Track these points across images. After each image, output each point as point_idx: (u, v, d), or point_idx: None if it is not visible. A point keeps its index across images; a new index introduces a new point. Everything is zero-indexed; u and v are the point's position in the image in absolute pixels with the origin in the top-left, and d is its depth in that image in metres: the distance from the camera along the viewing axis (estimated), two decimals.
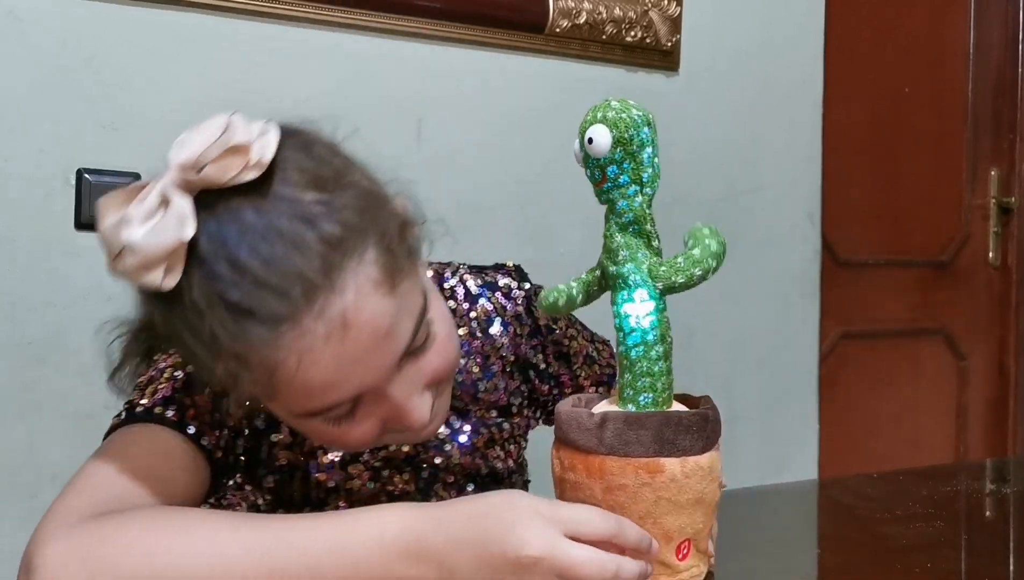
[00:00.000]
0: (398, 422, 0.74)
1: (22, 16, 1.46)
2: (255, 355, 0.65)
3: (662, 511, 0.68)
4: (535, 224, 1.83)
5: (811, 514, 1.14)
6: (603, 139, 0.69)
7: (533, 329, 0.96)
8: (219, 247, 0.65)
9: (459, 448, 0.90)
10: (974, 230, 2.54)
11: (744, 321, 2.10)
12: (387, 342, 0.69)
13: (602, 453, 0.68)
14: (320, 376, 0.67)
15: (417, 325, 0.72)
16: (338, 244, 0.66)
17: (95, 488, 0.70)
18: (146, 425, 0.77)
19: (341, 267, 0.66)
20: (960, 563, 0.90)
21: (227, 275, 0.64)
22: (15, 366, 1.46)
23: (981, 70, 2.52)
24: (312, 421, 0.72)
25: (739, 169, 2.09)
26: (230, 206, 0.65)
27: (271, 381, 0.67)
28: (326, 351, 0.66)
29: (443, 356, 0.76)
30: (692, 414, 0.69)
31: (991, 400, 2.58)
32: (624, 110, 0.69)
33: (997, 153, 2.56)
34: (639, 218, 0.70)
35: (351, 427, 0.73)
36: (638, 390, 0.70)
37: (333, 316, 0.65)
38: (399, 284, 0.69)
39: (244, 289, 0.64)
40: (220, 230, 0.65)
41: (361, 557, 0.63)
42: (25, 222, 1.46)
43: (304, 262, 0.65)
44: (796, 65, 2.17)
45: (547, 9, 1.83)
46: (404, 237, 0.72)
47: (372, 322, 0.67)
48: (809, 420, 2.23)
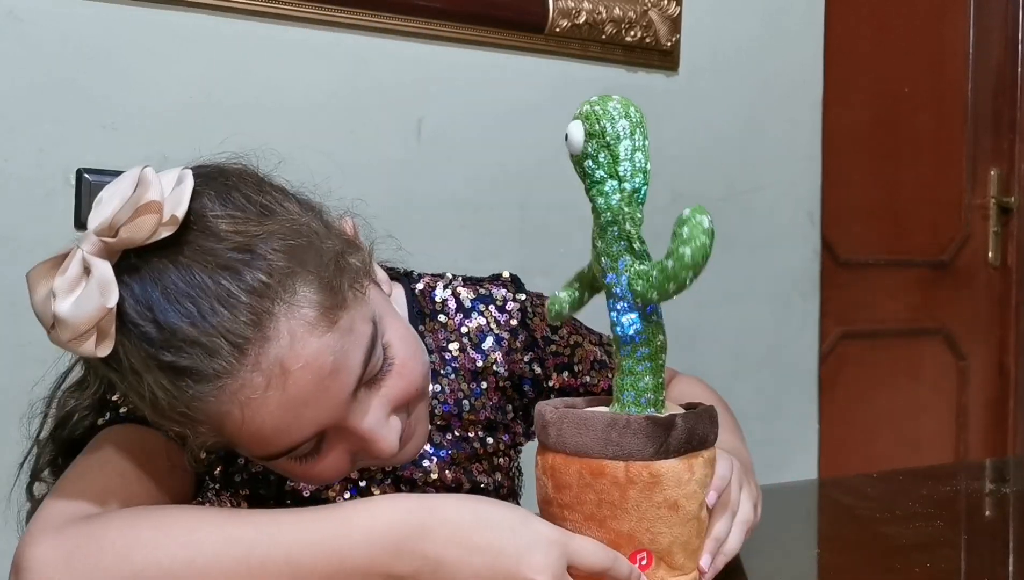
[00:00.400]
0: (366, 453, 0.73)
1: (22, 16, 1.46)
2: (199, 412, 0.66)
3: (604, 515, 0.67)
4: (535, 224, 1.83)
5: (811, 514, 1.14)
6: (576, 134, 0.67)
7: (528, 342, 0.92)
8: (145, 310, 0.64)
9: (438, 463, 0.87)
10: (974, 230, 2.54)
11: (744, 321, 2.10)
12: (334, 379, 0.68)
13: (555, 450, 0.68)
14: (270, 422, 0.67)
15: (368, 355, 0.70)
16: (264, 291, 0.65)
17: (81, 491, 0.69)
18: (130, 425, 0.76)
19: (271, 313, 0.65)
20: (960, 563, 0.90)
21: (157, 338, 0.64)
22: (15, 366, 1.46)
23: (981, 70, 2.52)
24: (278, 461, 0.71)
25: (739, 169, 2.09)
26: (151, 266, 0.65)
27: (222, 432, 0.67)
28: (269, 399, 0.65)
29: (406, 378, 0.74)
30: (643, 418, 0.66)
31: (991, 400, 2.58)
32: (600, 103, 0.67)
33: (997, 153, 2.56)
34: (617, 218, 0.67)
35: (318, 463, 0.72)
36: (621, 388, 0.69)
37: (270, 364, 0.65)
38: (339, 319, 0.68)
39: (175, 350, 0.64)
40: (144, 293, 0.65)
41: (346, 548, 0.63)
42: (25, 222, 1.46)
43: (231, 316, 0.64)
44: (796, 65, 2.17)
45: (547, 9, 1.83)
46: (343, 267, 0.70)
47: (313, 364, 0.66)
48: (809, 420, 2.23)
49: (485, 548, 0.63)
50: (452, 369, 0.90)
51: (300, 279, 0.67)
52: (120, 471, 0.72)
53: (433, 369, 0.88)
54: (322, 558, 0.63)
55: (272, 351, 0.65)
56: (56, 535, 0.64)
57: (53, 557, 0.62)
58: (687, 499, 0.68)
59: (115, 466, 0.72)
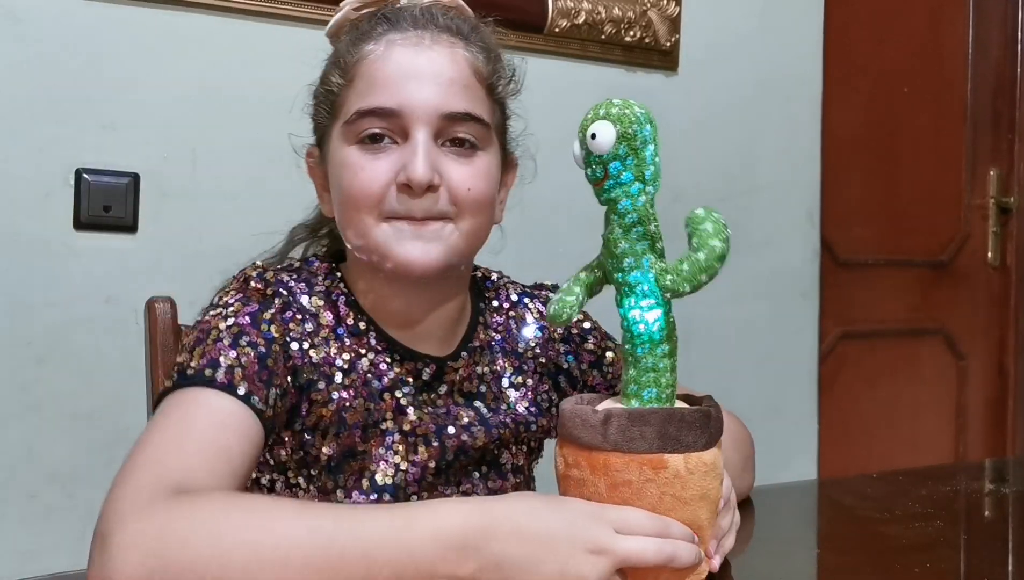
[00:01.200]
0: (404, 171, 0.85)
1: (22, 16, 1.46)
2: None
3: (666, 507, 0.69)
4: (534, 224, 1.83)
5: (811, 514, 1.14)
6: (607, 134, 0.69)
7: (565, 335, 1.02)
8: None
9: (485, 433, 0.93)
10: (973, 230, 2.54)
11: (744, 321, 2.10)
12: (451, 84, 0.87)
13: (607, 449, 0.68)
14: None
15: (485, 114, 0.89)
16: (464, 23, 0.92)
17: (161, 462, 0.72)
18: (198, 389, 0.78)
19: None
20: (959, 563, 0.90)
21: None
22: (15, 366, 1.46)
23: (980, 70, 2.53)
24: (351, 149, 0.87)
25: (738, 169, 2.09)
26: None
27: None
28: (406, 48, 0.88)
29: (465, 177, 0.87)
30: (695, 411, 0.70)
31: (990, 400, 2.58)
32: (627, 107, 0.70)
33: (996, 153, 2.56)
34: (643, 218, 0.70)
35: (374, 160, 0.86)
36: (642, 385, 0.70)
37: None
38: (496, 84, 0.92)
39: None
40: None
41: (415, 546, 0.65)
42: (25, 222, 1.46)
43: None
44: (795, 65, 2.17)
45: (546, 9, 1.83)
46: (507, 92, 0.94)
47: (455, 59, 0.88)
48: (809, 420, 2.23)
49: (541, 536, 0.66)
50: (500, 349, 0.98)
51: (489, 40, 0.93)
52: (196, 442, 0.75)
53: (481, 345, 0.97)
54: (394, 554, 0.65)
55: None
56: (143, 513, 0.66)
57: (143, 535, 0.64)
58: (720, 485, 0.73)
59: (191, 436, 0.75)
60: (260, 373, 0.80)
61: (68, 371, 1.48)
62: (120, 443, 0.77)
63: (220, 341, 0.81)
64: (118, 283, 1.51)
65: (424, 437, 0.90)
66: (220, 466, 0.74)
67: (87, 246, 1.50)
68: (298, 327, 0.86)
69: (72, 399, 1.48)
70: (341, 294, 0.92)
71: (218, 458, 0.75)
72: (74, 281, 1.49)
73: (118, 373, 1.49)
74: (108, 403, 1.49)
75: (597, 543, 0.66)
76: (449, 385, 0.94)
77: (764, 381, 2.14)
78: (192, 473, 0.71)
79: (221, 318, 0.83)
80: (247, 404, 0.78)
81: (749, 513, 1.00)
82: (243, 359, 0.80)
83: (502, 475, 0.96)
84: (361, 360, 0.89)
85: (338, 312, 0.90)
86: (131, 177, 1.52)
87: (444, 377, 0.94)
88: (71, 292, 1.48)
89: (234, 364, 0.79)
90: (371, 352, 0.90)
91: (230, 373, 0.78)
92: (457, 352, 0.95)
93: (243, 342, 0.81)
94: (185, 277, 1.51)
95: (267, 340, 0.82)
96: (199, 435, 0.75)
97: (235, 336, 0.81)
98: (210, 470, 0.73)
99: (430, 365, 0.93)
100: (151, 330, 1.02)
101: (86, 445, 1.48)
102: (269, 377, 0.81)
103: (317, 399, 0.86)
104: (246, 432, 0.78)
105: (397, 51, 0.88)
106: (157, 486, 0.69)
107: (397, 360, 0.91)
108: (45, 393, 1.47)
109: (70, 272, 1.48)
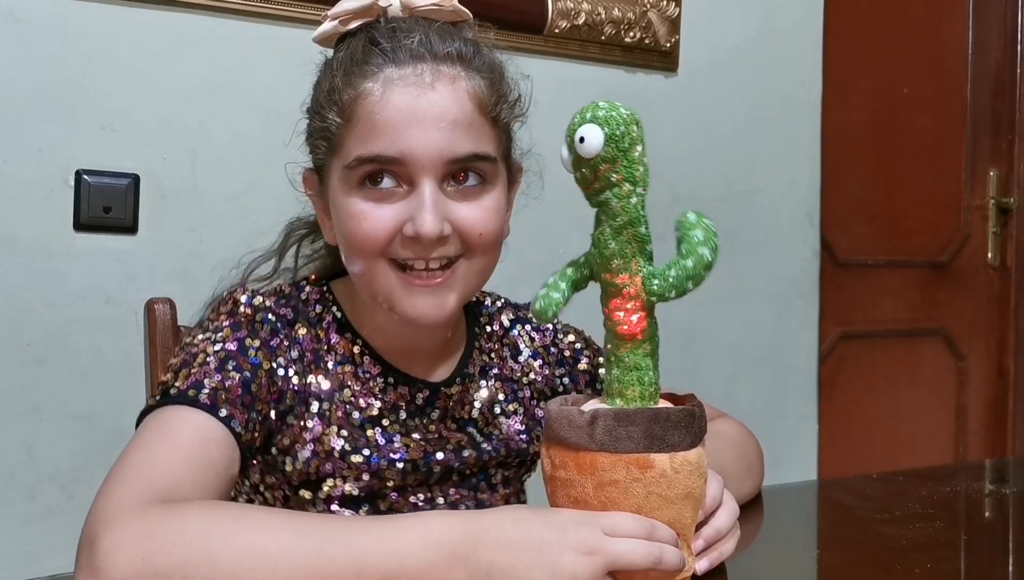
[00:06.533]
0: (412, 224, 0.83)
1: (22, 17, 1.46)
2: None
3: (652, 506, 0.69)
4: (534, 224, 1.83)
5: (810, 515, 1.14)
6: (595, 138, 0.69)
7: (559, 358, 1.03)
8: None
9: (478, 459, 0.93)
10: (973, 230, 2.54)
11: (744, 322, 2.10)
12: (455, 127, 0.83)
13: (593, 450, 0.69)
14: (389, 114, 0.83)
15: (491, 149, 0.86)
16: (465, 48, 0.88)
17: (148, 473, 0.72)
18: (182, 408, 0.79)
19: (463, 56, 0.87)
20: (959, 564, 0.90)
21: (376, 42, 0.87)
22: (14, 366, 1.46)
23: (980, 71, 2.53)
24: (353, 196, 0.84)
25: (738, 170, 2.09)
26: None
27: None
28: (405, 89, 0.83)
29: (476, 221, 0.85)
30: (680, 410, 0.70)
31: (990, 400, 2.58)
32: (613, 109, 0.70)
33: (996, 154, 2.56)
34: (633, 220, 0.70)
35: (378, 208, 0.83)
36: (625, 384, 0.71)
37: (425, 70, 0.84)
38: (500, 112, 0.89)
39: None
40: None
41: (405, 554, 0.65)
42: (25, 222, 1.46)
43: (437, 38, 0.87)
44: (795, 65, 2.17)
45: (546, 10, 1.83)
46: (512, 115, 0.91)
47: (457, 95, 0.84)
48: (808, 420, 2.23)
49: (528, 544, 0.66)
50: (494, 375, 0.98)
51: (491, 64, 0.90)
52: (181, 456, 0.75)
53: (475, 370, 0.97)
54: (383, 560, 0.65)
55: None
56: (131, 516, 0.66)
57: (130, 537, 0.64)
58: (704, 484, 0.73)
59: (175, 450, 0.75)
60: (243, 397, 0.80)
61: (68, 372, 1.48)
62: (120, 444, 0.77)
63: (206, 365, 0.81)
64: (118, 284, 1.51)
65: (412, 462, 0.89)
66: (206, 478, 0.75)
67: (87, 247, 1.50)
68: (285, 354, 0.86)
69: (72, 400, 1.48)
70: (333, 322, 0.91)
71: (204, 470, 0.75)
72: (74, 282, 1.49)
73: (118, 374, 1.49)
74: (108, 404, 1.49)
75: (588, 544, 0.66)
76: (442, 410, 0.94)
77: (764, 381, 2.14)
78: (178, 483, 0.72)
79: (210, 342, 0.83)
80: (227, 426, 0.78)
81: (755, 514, 1.00)
82: (227, 383, 0.80)
83: (491, 488, 0.96)
84: (343, 391, 0.89)
85: (329, 341, 0.90)
86: (131, 178, 1.52)
87: (437, 402, 0.93)
88: (71, 293, 1.48)
89: (218, 387, 0.79)
90: (358, 382, 0.90)
91: (213, 395, 0.79)
92: (452, 378, 0.95)
93: (229, 366, 0.81)
94: (185, 278, 1.51)
95: (253, 366, 0.83)
96: (185, 449, 0.76)
97: (222, 361, 0.82)
98: (196, 481, 0.74)
99: (423, 390, 0.93)
100: (151, 331, 1.03)
101: (86, 446, 1.48)
102: (252, 402, 0.81)
103: (294, 425, 0.86)
104: (227, 451, 0.78)
105: (397, 93, 0.83)
106: (144, 494, 0.69)
107: (391, 384, 0.91)
108: (45, 394, 1.47)
109: (70, 273, 1.48)
